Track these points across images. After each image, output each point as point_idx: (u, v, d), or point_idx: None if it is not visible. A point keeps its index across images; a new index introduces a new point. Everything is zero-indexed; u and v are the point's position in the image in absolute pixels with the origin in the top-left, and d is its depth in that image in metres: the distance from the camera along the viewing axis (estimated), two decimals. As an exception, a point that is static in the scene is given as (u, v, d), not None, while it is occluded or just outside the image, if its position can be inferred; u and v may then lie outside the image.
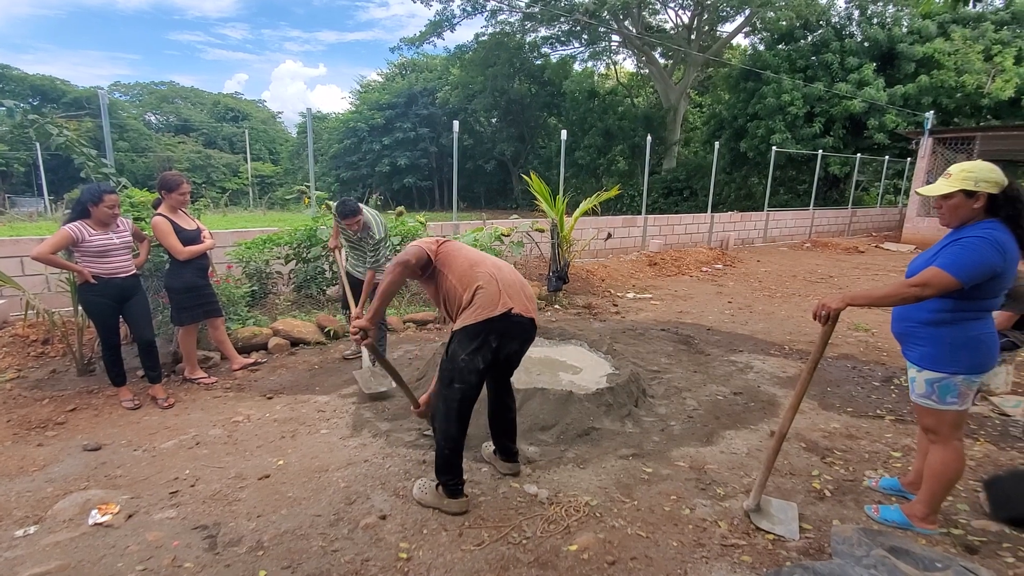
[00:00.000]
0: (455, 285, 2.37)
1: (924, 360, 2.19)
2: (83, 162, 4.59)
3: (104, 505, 2.46)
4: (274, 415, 3.52)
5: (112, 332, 3.60)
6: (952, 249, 2.05)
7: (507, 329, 2.34)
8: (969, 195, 2.07)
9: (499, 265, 2.46)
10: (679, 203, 22.06)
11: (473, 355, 2.29)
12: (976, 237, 2.01)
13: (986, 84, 16.33)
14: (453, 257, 2.42)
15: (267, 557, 2.15)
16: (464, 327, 2.30)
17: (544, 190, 7.12)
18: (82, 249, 3.40)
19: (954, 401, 2.16)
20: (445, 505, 2.44)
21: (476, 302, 2.29)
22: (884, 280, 9.11)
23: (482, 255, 2.50)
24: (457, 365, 2.32)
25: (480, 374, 2.35)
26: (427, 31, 24.46)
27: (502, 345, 2.36)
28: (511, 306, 2.30)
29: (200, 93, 43.32)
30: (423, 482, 2.57)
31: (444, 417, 2.41)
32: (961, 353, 2.10)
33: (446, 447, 2.41)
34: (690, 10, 22.88)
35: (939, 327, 2.14)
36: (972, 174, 2.06)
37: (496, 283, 2.33)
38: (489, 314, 2.27)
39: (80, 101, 29.54)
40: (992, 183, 2.04)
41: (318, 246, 5.70)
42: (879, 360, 4.81)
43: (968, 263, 1.98)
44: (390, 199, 26.11)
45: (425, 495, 2.50)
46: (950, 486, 2.28)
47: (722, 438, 3.25)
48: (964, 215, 2.10)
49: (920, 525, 2.34)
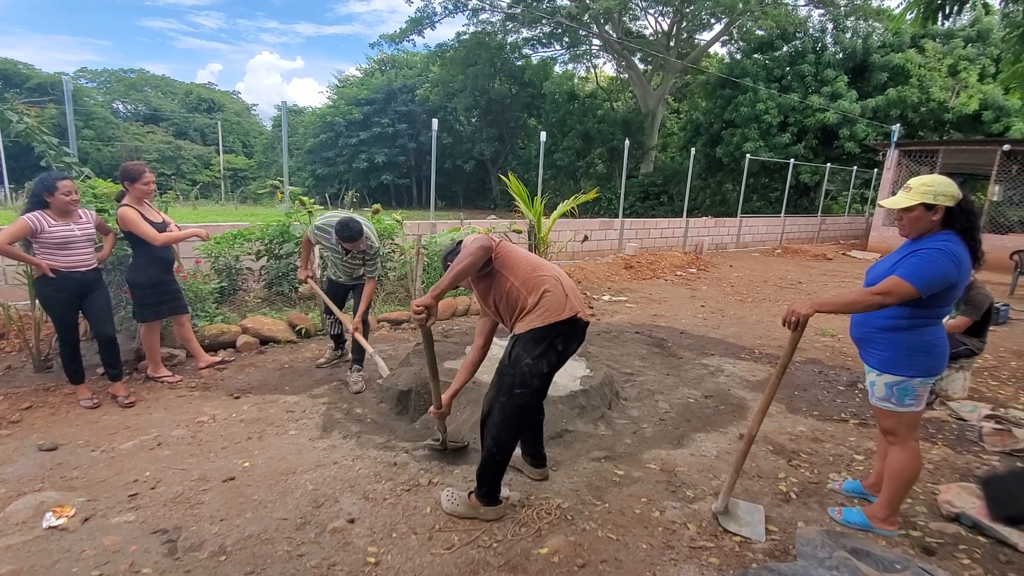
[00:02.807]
0: (518, 288, 2.30)
1: (883, 364, 2.28)
2: (44, 150, 4.41)
3: (59, 508, 2.36)
4: (241, 415, 3.43)
5: (71, 328, 3.47)
6: (911, 260, 2.14)
7: (571, 333, 2.32)
8: (928, 208, 2.16)
9: (558, 270, 2.43)
10: (656, 207, 22.33)
11: (539, 359, 2.25)
12: (934, 249, 2.10)
13: (950, 99, 16.96)
14: (513, 259, 2.35)
15: (230, 562, 2.10)
16: (530, 330, 2.25)
17: (522, 191, 7.12)
18: (41, 240, 3.26)
19: (912, 403, 2.26)
20: (482, 514, 2.39)
21: (543, 305, 2.25)
22: (850, 286, 9.37)
23: (539, 258, 2.44)
24: (521, 369, 2.26)
25: (544, 378, 2.32)
26: (407, 28, 24.28)
27: (566, 349, 2.34)
28: (577, 310, 2.28)
29: (171, 82, 42.14)
30: (451, 492, 2.50)
31: (500, 424, 2.33)
32: (918, 357, 2.21)
33: (498, 454, 2.36)
34: (669, 17, 23.21)
35: (897, 332, 2.24)
36: (931, 188, 2.15)
37: (561, 287, 2.30)
38: (556, 318, 2.24)
39: (45, 87, 28.47)
40: (949, 196, 2.13)
41: (290, 242, 5.59)
42: (844, 365, 4.94)
43: (927, 274, 2.08)
44: (367, 196, 25.83)
45: (457, 506, 2.43)
46: (909, 485, 2.36)
47: (692, 441, 3.29)
48: (923, 227, 2.19)
49: (880, 526, 2.41)
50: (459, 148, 31.28)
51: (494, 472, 2.38)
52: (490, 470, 2.38)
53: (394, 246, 6.51)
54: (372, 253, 3.92)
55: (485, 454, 2.39)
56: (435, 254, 6.55)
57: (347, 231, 3.62)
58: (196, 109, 40.29)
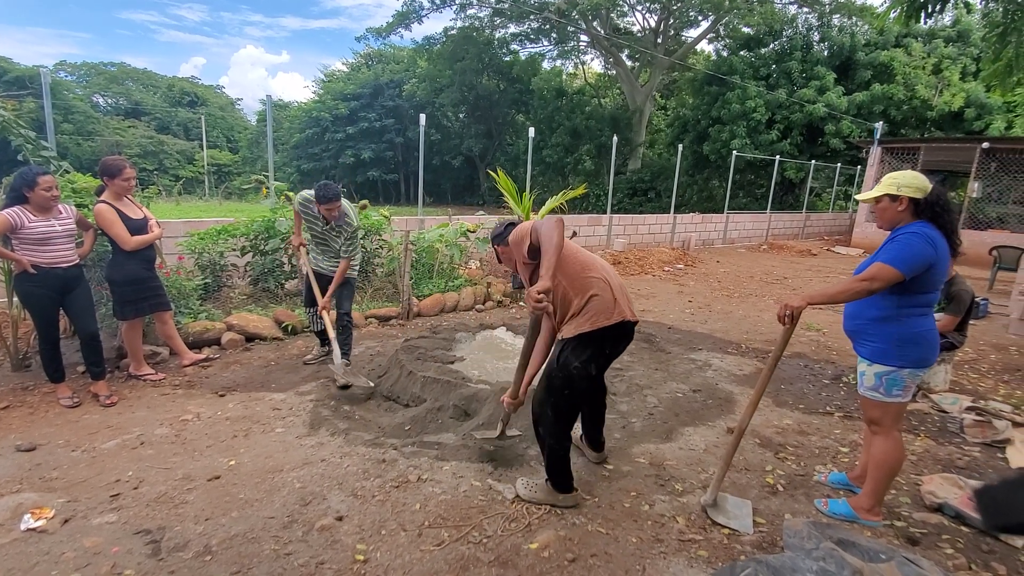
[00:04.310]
0: (566, 288, 2.30)
1: (874, 355, 2.34)
2: (21, 144, 4.31)
3: (38, 509, 2.31)
4: (226, 413, 3.38)
5: (51, 325, 3.39)
6: (890, 246, 2.26)
7: (619, 336, 2.37)
8: (893, 199, 2.29)
9: (607, 269, 2.42)
10: (643, 203, 22.41)
11: (587, 363, 2.28)
12: (909, 233, 2.23)
13: (933, 97, 17.21)
14: (564, 257, 2.29)
15: (215, 562, 2.06)
16: (579, 335, 2.27)
17: (511, 187, 7.10)
18: (20, 236, 3.18)
19: (899, 394, 2.32)
20: (560, 500, 2.48)
21: (590, 309, 2.26)
22: (835, 281, 9.48)
23: (590, 256, 2.44)
24: (569, 373, 2.28)
25: (591, 380, 2.38)
26: (394, 22, 24.04)
27: (614, 351, 2.41)
28: (625, 315, 2.31)
29: (153, 76, 41.35)
30: (526, 481, 2.58)
31: (554, 422, 2.38)
32: (907, 348, 2.27)
33: (559, 448, 2.43)
34: (657, 14, 23.26)
35: (887, 323, 2.29)
36: (896, 180, 2.28)
37: (610, 290, 2.30)
38: (605, 322, 2.25)
39: (23, 80, 27.76)
40: (914, 188, 2.24)
41: (276, 238, 5.52)
42: (829, 359, 5.00)
43: (907, 256, 2.18)
44: (354, 192, 25.60)
45: (536, 493, 2.51)
46: (892, 475, 2.42)
47: (681, 435, 3.31)
48: (891, 217, 2.32)
49: (866, 517, 2.46)
50: (447, 144, 31.08)
51: (561, 462, 2.46)
52: (557, 462, 2.45)
53: (382, 242, 6.46)
54: (350, 232, 3.93)
55: (548, 451, 2.46)
56: (423, 250, 6.51)
57: (326, 191, 3.76)
58: (179, 103, 39.60)
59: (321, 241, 4.10)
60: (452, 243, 6.54)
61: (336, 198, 3.78)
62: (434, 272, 6.68)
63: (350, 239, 3.96)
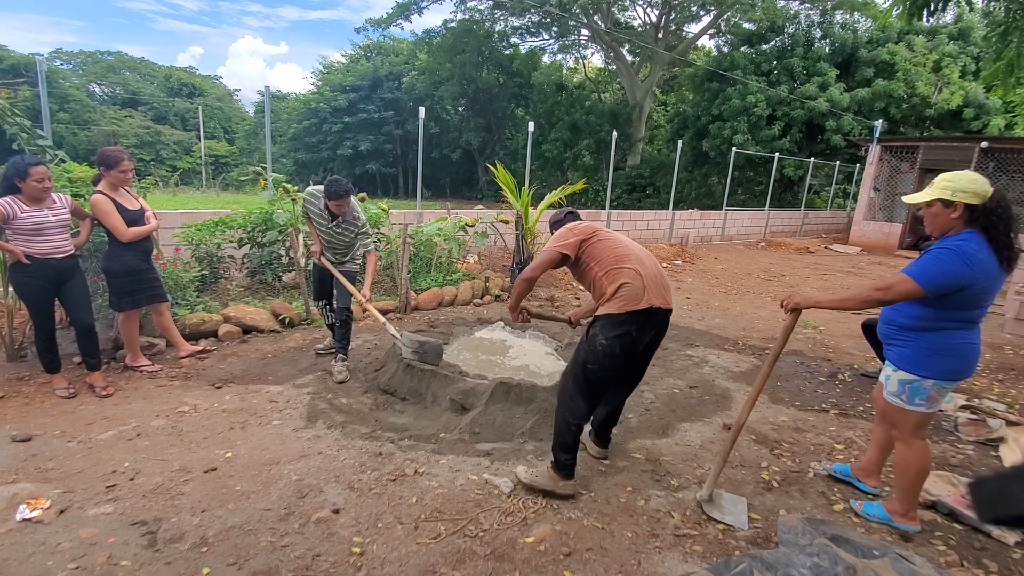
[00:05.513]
0: (600, 277, 2.49)
1: (900, 361, 2.25)
2: (16, 133, 4.27)
3: (33, 500, 2.30)
4: (223, 405, 3.38)
5: (47, 316, 3.38)
6: (923, 258, 2.11)
7: (647, 321, 2.44)
8: (947, 204, 2.09)
9: (642, 259, 2.53)
10: (642, 199, 22.39)
11: (613, 341, 2.39)
12: (945, 249, 2.04)
13: (932, 95, 17.20)
14: (599, 249, 2.53)
15: (211, 554, 2.07)
16: (608, 314, 2.42)
17: (510, 181, 7.08)
18: (13, 227, 3.16)
19: (921, 404, 2.23)
20: (560, 488, 2.50)
21: (621, 295, 2.41)
22: (832, 279, 9.52)
23: (626, 246, 2.56)
24: (595, 347, 2.42)
25: (614, 359, 2.42)
26: (394, 13, 23.92)
27: (642, 335, 2.47)
28: (653, 302, 2.41)
29: (150, 65, 41.02)
30: (527, 467, 2.62)
31: (573, 395, 2.48)
32: (937, 359, 2.15)
33: (573, 423, 2.47)
34: (658, 8, 23.15)
35: (919, 332, 2.18)
36: (951, 184, 2.07)
37: (641, 279, 2.42)
38: (634, 307, 2.39)
39: (18, 68, 27.47)
40: (970, 193, 2.04)
41: (274, 230, 5.50)
42: (825, 357, 5.01)
43: (934, 273, 2.03)
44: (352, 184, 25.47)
45: (537, 478, 2.54)
46: (916, 480, 2.33)
47: (677, 430, 3.32)
48: (942, 224, 2.13)
49: (901, 521, 2.39)
50: (446, 137, 30.95)
51: (571, 438, 2.48)
52: (568, 438, 2.48)
53: (380, 235, 6.44)
54: (360, 225, 3.94)
55: (560, 421, 2.51)
56: (421, 244, 6.50)
57: (337, 186, 3.71)
58: (176, 93, 39.29)
59: (329, 239, 4.02)
60: (451, 237, 6.52)
61: (347, 194, 3.74)
62: (432, 266, 6.67)
63: (365, 233, 3.99)
